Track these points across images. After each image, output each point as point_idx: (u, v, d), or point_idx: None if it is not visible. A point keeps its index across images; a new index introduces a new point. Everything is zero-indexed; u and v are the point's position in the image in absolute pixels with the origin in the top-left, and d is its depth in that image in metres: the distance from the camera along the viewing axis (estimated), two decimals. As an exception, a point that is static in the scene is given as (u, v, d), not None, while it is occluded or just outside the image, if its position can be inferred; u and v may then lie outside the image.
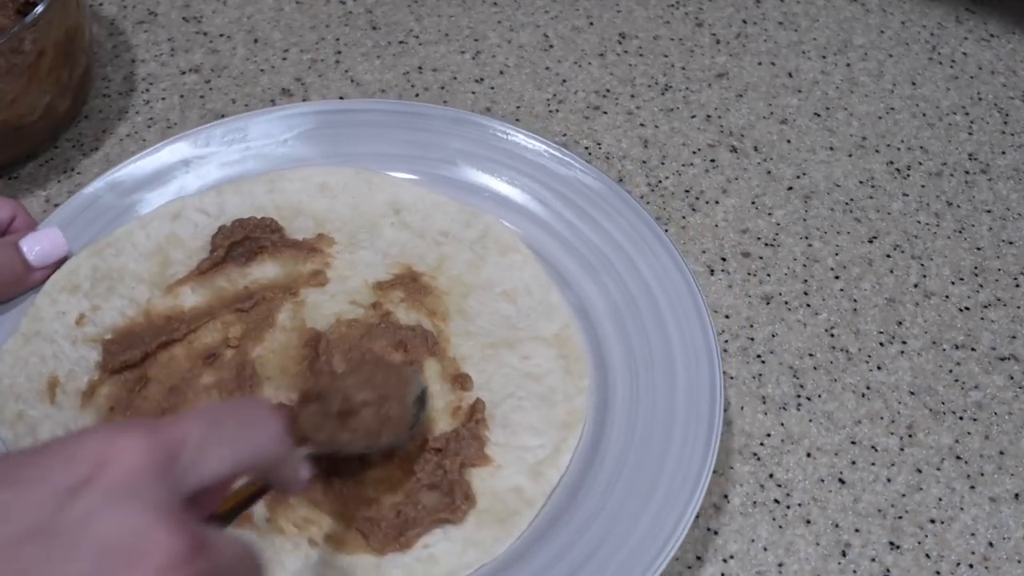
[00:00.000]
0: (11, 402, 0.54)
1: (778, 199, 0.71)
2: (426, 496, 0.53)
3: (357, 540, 0.52)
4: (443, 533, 0.52)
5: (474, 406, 0.56)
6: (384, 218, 0.63)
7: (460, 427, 0.55)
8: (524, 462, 0.55)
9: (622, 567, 0.50)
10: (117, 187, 0.63)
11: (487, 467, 0.54)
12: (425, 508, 0.52)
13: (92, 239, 0.61)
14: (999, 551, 0.56)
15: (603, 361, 0.58)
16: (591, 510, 0.52)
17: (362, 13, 0.81)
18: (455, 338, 0.59)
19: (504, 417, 0.56)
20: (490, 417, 0.56)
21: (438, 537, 0.52)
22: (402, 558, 0.51)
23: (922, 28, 0.82)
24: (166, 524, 0.34)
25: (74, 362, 0.56)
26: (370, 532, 0.52)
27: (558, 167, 0.65)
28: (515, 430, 0.56)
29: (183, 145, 0.65)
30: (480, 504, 0.53)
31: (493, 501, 0.53)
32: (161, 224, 0.62)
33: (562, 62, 0.78)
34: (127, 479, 0.34)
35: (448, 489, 0.53)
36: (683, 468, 0.53)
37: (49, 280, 0.59)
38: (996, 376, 0.62)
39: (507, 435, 0.55)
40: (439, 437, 0.55)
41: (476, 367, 0.58)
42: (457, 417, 0.56)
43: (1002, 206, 0.71)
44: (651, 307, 0.59)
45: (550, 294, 0.61)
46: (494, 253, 0.62)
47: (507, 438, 0.55)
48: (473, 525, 0.52)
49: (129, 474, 0.34)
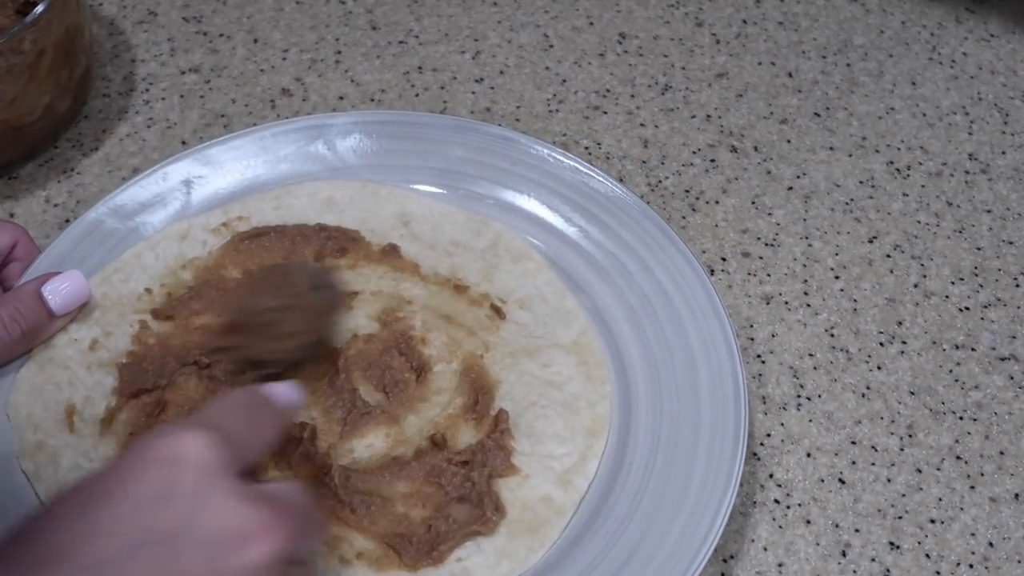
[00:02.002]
0: (29, 433, 0.54)
1: (778, 199, 0.71)
2: (456, 509, 0.53)
3: (389, 557, 0.51)
4: (475, 546, 0.52)
5: (498, 416, 0.56)
6: (393, 231, 0.63)
7: (485, 438, 0.55)
8: (551, 471, 0.54)
9: (661, 569, 0.50)
10: (119, 211, 0.62)
11: (515, 477, 0.54)
12: (456, 521, 0.52)
13: (98, 264, 0.60)
14: (999, 551, 0.56)
15: (623, 365, 0.58)
16: (622, 515, 0.52)
17: (362, 13, 0.81)
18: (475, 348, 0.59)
19: (528, 426, 0.56)
20: (514, 427, 0.55)
21: (470, 550, 0.52)
22: (436, 572, 0.51)
23: (922, 28, 0.82)
24: (250, 504, 0.38)
25: (90, 388, 0.56)
26: (402, 548, 0.51)
27: (563, 171, 0.65)
28: (540, 439, 0.55)
29: (184, 164, 0.64)
30: (510, 515, 0.53)
31: (523, 511, 0.53)
32: (169, 245, 0.61)
33: (562, 62, 0.78)
34: (204, 476, 0.38)
35: (477, 501, 0.53)
36: (714, 465, 0.53)
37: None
38: (996, 376, 0.62)
39: (532, 444, 0.55)
40: (465, 450, 0.55)
41: (497, 377, 0.58)
42: (482, 428, 0.56)
43: (1002, 206, 0.71)
44: (667, 307, 0.59)
45: (565, 300, 0.60)
46: (506, 261, 0.62)
47: (532, 447, 0.55)
48: (505, 536, 0.52)
49: (204, 470, 0.38)
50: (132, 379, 0.56)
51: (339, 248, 0.62)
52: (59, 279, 0.56)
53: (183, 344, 0.57)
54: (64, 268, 0.58)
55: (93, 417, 0.55)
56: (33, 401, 0.55)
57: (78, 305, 0.57)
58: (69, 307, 0.56)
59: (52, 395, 0.55)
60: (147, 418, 0.55)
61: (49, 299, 0.55)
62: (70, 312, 0.57)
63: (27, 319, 0.55)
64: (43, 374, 0.56)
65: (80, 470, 0.53)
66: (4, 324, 0.54)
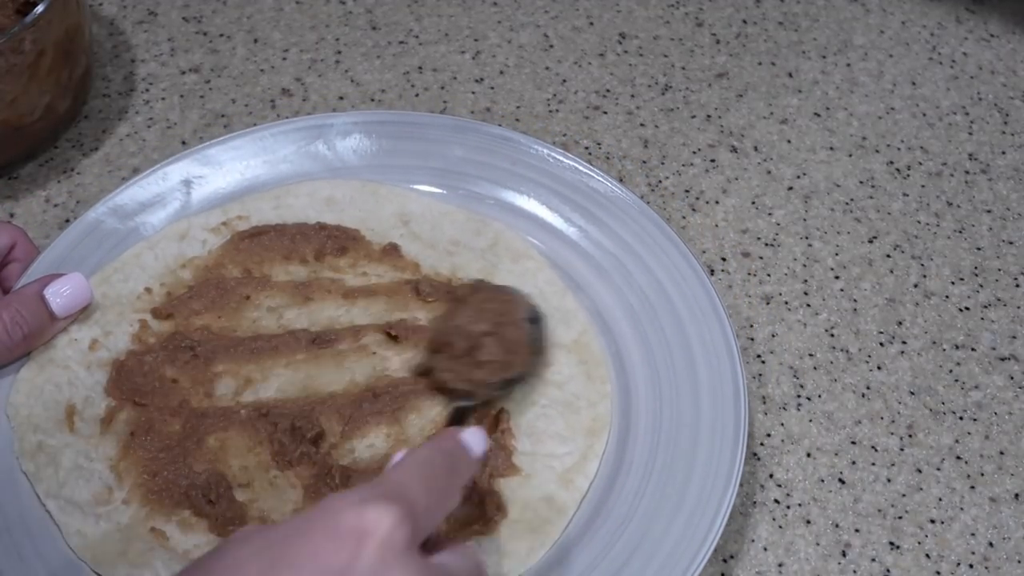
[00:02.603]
0: (30, 433, 0.54)
1: (778, 199, 0.71)
2: (457, 508, 0.53)
3: None
4: (476, 545, 0.52)
5: (498, 416, 0.56)
6: (393, 230, 0.63)
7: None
8: (552, 470, 0.55)
9: (661, 568, 0.50)
10: (119, 211, 0.62)
11: (516, 477, 0.54)
12: (457, 521, 0.52)
13: (98, 264, 0.60)
14: (999, 551, 0.56)
15: (623, 364, 0.58)
16: (623, 515, 0.52)
17: (362, 13, 0.81)
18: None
19: (529, 426, 0.56)
20: (515, 426, 0.56)
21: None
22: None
23: (922, 28, 0.82)
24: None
25: (90, 388, 0.56)
26: None
27: (563, 171, 0.65)
28: (541, 438, 0.56)
29: (184, 164, 0.64)
30: (512, 514, 0.53)
31: (524, 511, 0.53)
32: (168, 245, 0.61)
33: (562, 62, 0.78)
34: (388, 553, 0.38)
35: (479, 501, 0.53)
36: (714, 465, 0.53)
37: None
38: (996, 376, 0.62)
39: (533, 444, 0.55)
40: None
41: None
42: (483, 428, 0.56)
43: (1002, 206, 0.71)
44: (667, 306, 0.59)
45: (565, 300, 0.60)
46: (506, 261, 0.62)
47: (533, 447, 0.55)
48: (506, 536, 0.52)
49: (388, 547, 0.38)
50: (126, 378, 0.56)
51: (339, 247, 0.62)
52: (61, 282, 0.56)
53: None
54: (64, 268, 0.58)
55: (93, 417, 0.55)
56: (33, 401, 0.55)
57: (80, 307, 0.57)
58: (71, 310, 0.56)
59: (52, 395, 0.55)
60: (148, 418, 0.54)
61: (51, 302, 0.55)
62: (72, 314, 0.57)
63: (29, 322, 0.55)
64: (43, 374, 0.56)
65: (80, 470, 0.53)
66: (6, 327, 0.54)
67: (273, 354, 0.57)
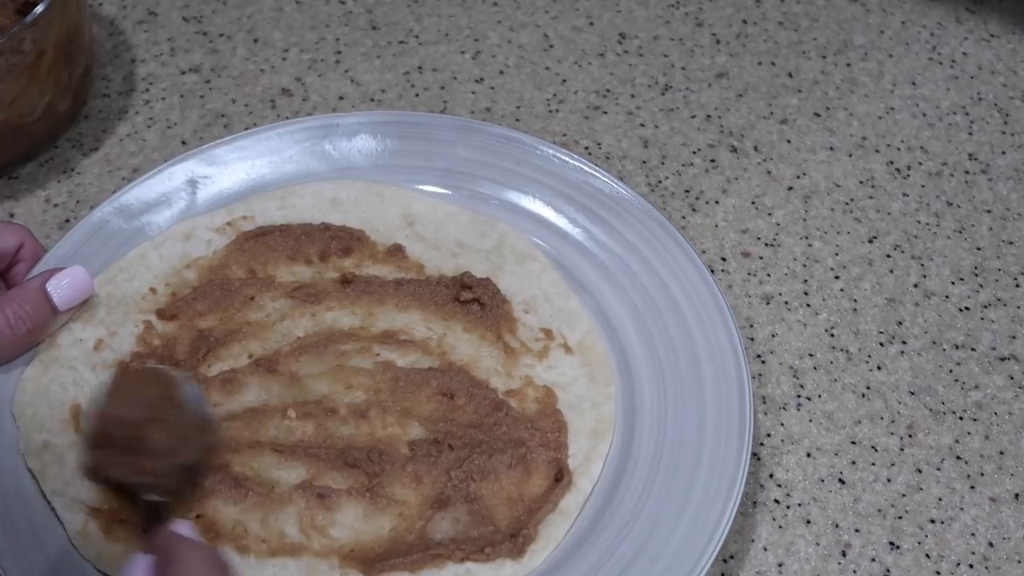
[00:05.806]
0: (35, 433, 0.54)
1: (778, 199, 0.71)
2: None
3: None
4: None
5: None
6: (398, 231, 0.63)
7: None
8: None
9: (666, 570, 0.50)
10: (124, 210, 0.62)
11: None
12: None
13: (103, 264, 0.60)
14: (999, 551, 0.56)
15: (627, 365, 0.58)
16: (627, 517, 0.52)
17: (362, 13, 0.81)
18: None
19: None
20: None
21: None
22: (439, 574, 0.51)
23: (922, 28, 0.82)
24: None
25: (95, 388, 0.55)
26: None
27: (567, 171, 0.64)
28: None
29: (189, 164, 0.64)
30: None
31: None
32: (173, 245, 0.61)
33: (562, 62, 0.79)
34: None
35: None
36: (718, 466, 0.53)
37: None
38: (996, 376, 0.62)
39: None
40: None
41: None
42: None
43: (1002, 206, 0.71)
44: (671, 307, 0.59)
45: (570, 301, 0.60)
46: (511, 262, 0.62)
47: None
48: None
49: None
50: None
51: (344, 247, 0.62)
52: (62, 275, 0.56)
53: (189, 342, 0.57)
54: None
55: None
56: (39, 401, 0.55)
57: (82, 299, 0.57)
58: (73, 302, 0.56)
59: (57, 395, 0.55)
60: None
61: (53, 295, 0.55)
62: (74, 307, 0.57)
63: (32, 317, 0.55)
64: (48, 374, 0.56)
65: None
66: (9, 322, 0.54)
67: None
